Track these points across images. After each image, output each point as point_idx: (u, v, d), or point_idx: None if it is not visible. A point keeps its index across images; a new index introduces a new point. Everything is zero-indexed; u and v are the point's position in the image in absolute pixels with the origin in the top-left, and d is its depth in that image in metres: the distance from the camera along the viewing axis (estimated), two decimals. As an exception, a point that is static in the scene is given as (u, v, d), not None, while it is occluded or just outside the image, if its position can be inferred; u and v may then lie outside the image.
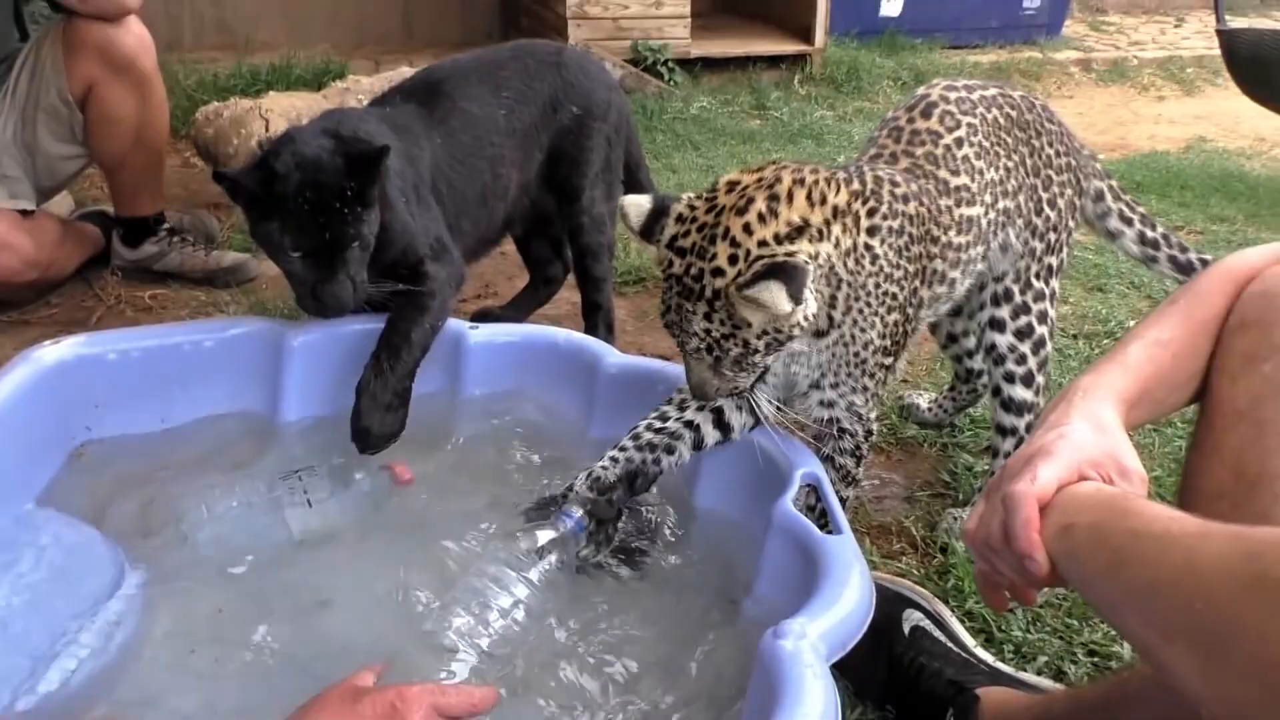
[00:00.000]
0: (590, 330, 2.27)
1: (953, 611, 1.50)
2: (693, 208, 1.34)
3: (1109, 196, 1.81)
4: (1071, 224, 1.73)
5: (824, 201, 1.35)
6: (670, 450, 1.52)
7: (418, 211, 1.86)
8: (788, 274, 1.25)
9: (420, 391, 1.78)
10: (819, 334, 1.43)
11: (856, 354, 1.47)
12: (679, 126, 4.50)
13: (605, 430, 1.73)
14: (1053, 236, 1.69)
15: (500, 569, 1.34)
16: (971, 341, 1.95)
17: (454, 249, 1.95)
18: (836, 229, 1.36)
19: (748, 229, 1.28)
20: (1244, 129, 5.08)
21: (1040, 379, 1.73)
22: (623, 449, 1.52)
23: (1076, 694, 1.20)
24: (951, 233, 1.54)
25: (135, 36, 2.45)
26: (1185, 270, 1.84)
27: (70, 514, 1.54)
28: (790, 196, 1.32)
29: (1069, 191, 1.71)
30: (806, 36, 5.31)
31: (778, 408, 1.47)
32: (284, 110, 2.72)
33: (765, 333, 1.32)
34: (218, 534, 1.57)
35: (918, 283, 1.50)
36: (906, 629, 1.38)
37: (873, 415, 1.54)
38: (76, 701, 1.25)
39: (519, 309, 2.58)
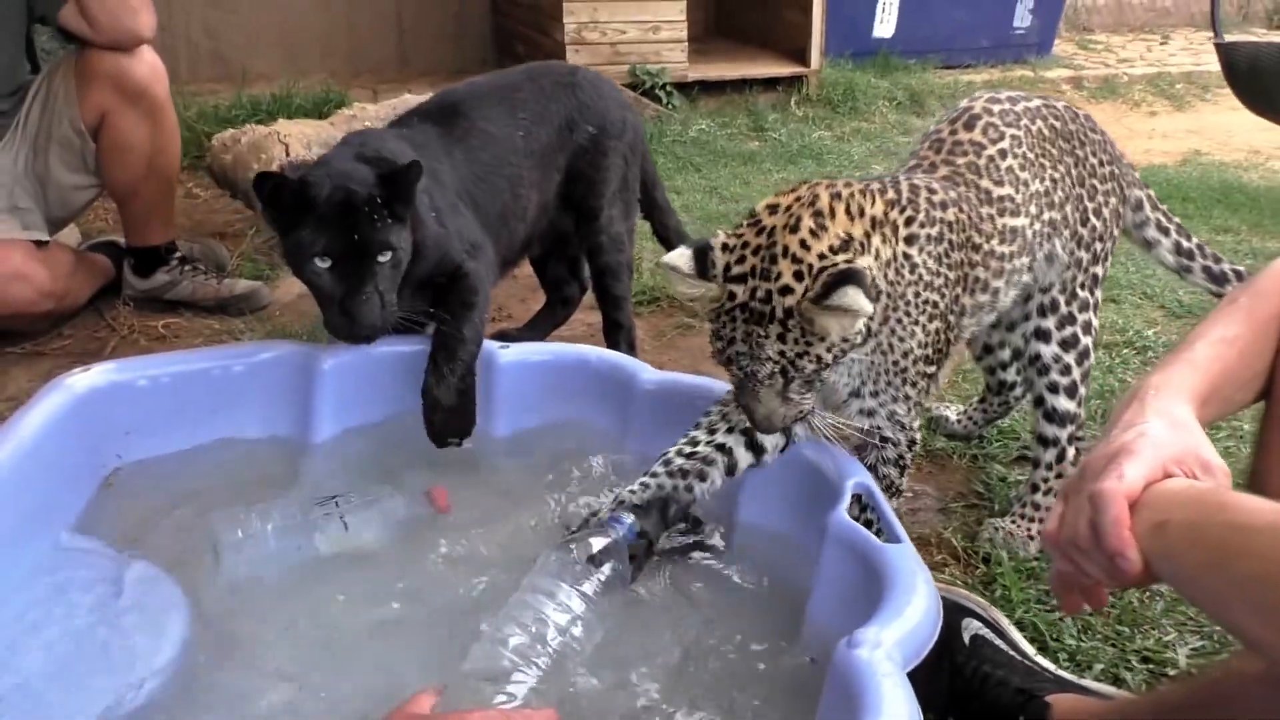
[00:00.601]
0: (612, 349, 2.25)
1: (1003, 622, 1.48)
2: (738, 235, 1.33)
3: (1147, 206, 1.82)
4: (1116, 233, 1.73)
5: (862, 214, 1.35)
6: (703, 477, 1.48)
7: (448, 219, 1.85)
8: (858, 278, 1.24)
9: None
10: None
11: (896, 363, 1.46)
12: (679, 149, 4.52)
13: (643, 448, 1.72)
14: (1098, 246, 1.69)
15: (554, 583, 1.31)
16: (1007, 353, 1.94)
17: (487, 244, 1.96)
18: (876, 240, 1.36)
19: (805, 245, 1.28)
20: (1237, 142, 5.14)
21: (1083, 390, 1.72)
22: (654, 475, 1.48)
23: (1159, 696, 1.19)
24: (994, 241, 1.53)
25: (148, 65, 2.45)
26: (1219, 281, 1.83)
27: (105, 542, 1.52)
28: (832, 212, 1.32)
29: (1113, 200, 1.71)
30: (801, 58, 5.35)
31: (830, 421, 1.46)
32: (298, 137, 2.72)
33: (835, 344, 1.30)
34: (254, 559, 1.54)
35: (959, 290, 1.50)
36: (966, 638, 1.36)
37: (916, 425, 1.53)
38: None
39: (536, 330, 2.56)
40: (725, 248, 1.32)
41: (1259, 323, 1.12)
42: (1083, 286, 1.69)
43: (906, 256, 1.41)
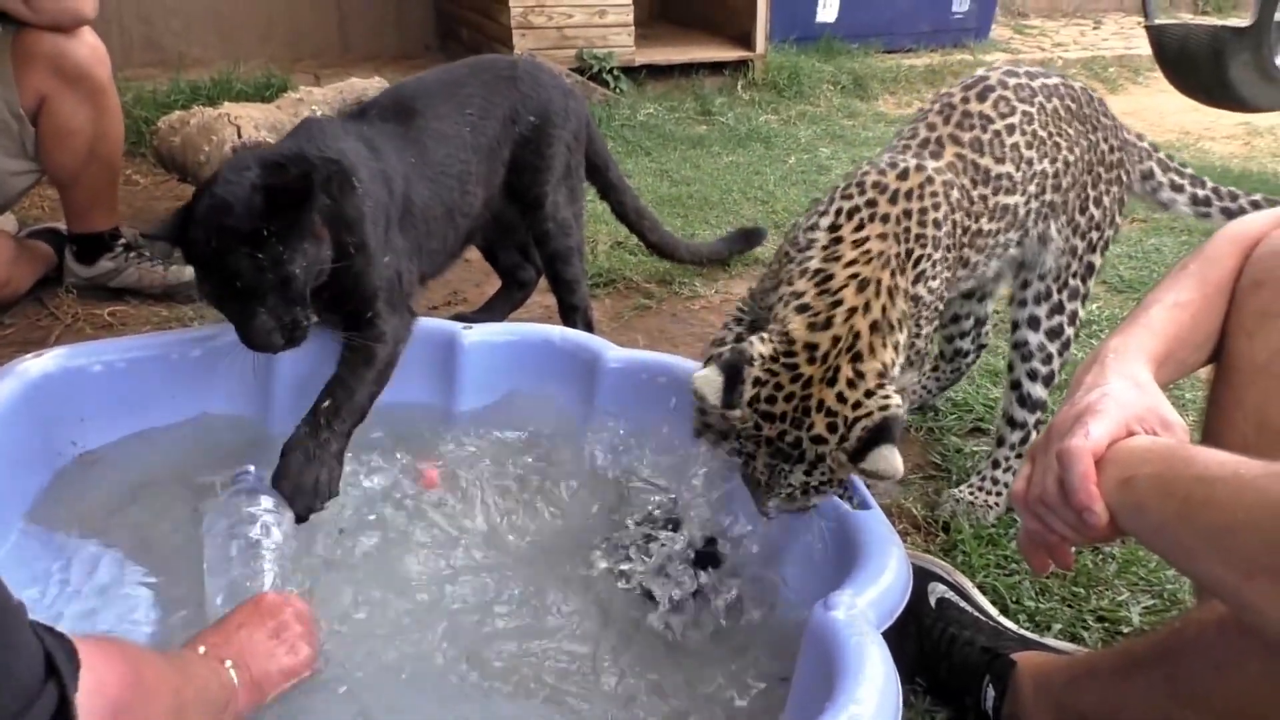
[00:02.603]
0: (570, 331, 2.25)
1: (965, 586, 1.52)
2: (773, 372, 1.26)
3: (1158, 172, 1.80)
4: (1118, 221, 1.72)
5: (892, 326, 1.30)
6: None
7: (382, 238, 1.76)
8: (890, 432, 1.22)
9: (415, 399, 1.78)
10: None
11: None
12: (628, 133, 4.52)
13: (609, 427, 1.73)
14: (1095, 235, 1.68)
15: None
16: (969, 324, 1.98)
17: (411, 293, 1.86)
18: (902, 335, 1.33)
19: (841, 398, 1.24)
20: (1169, 124, 5.28)
21: (1059, 378, 1.75)
22: None
23: (1124, 648, 1.23)
24: (984, 220, 1.50)
25: (89, 47, 2.38)
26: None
27: (66, 530, 1.49)
28: (871, 349, 1.27)
29: (1115, 189, 1.69)
30: (747, 43, 5.37)
31: None
32: (248, 119, 2.67)
33: None
34: (223, 546, 1.52)
35: (950, 276, 1.49)
36: (932, 601, 1.39)
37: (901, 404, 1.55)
38: None
39: (493, 313, 2.55)
40: (757, 381, 1.27)
41: (1210, 288, 1.16)
42: (1075, 275, 1.68)
43: (914, 298, 1.36)
